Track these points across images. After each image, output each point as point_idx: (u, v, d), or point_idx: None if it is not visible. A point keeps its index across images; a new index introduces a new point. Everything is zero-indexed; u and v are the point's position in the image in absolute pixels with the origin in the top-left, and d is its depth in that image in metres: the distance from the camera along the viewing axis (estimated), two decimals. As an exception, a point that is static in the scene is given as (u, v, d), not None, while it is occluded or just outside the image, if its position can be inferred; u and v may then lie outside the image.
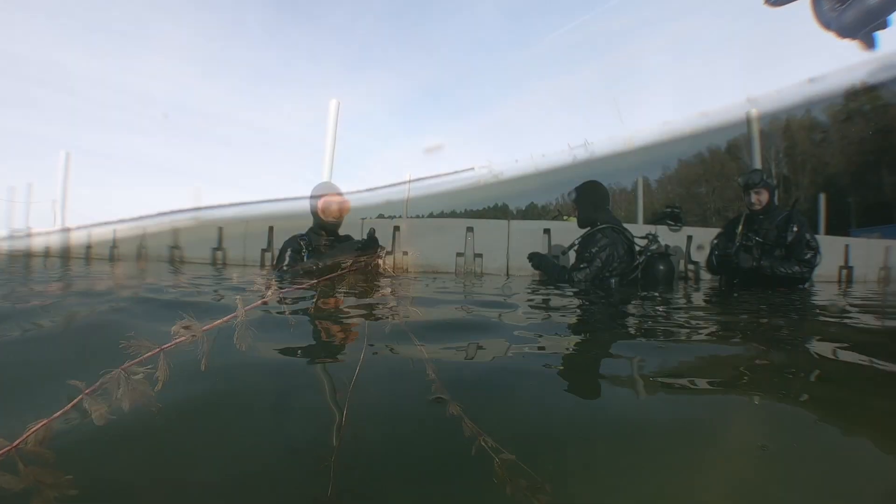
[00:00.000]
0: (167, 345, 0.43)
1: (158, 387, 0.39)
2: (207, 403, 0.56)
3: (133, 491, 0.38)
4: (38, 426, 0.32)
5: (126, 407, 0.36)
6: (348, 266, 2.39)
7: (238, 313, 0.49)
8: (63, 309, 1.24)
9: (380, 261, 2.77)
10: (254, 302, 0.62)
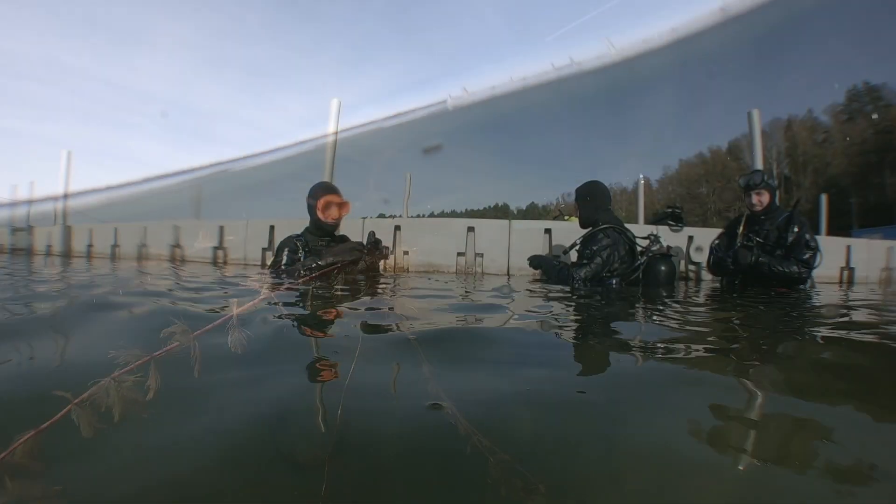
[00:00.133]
0: (158, 352, 0.42)
1: (150, 396, 0.38)
2: (198, 405, 0.55)
3: (124, 498, 0.37)
4: (26, 437, 0.30)
5: (116, 417, 0.35)
6: (347, 265, 2.38)
7: (230, 316, 0.48)
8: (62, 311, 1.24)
9: (381, 261, 2.74)
10: (246, 304, 0.61)
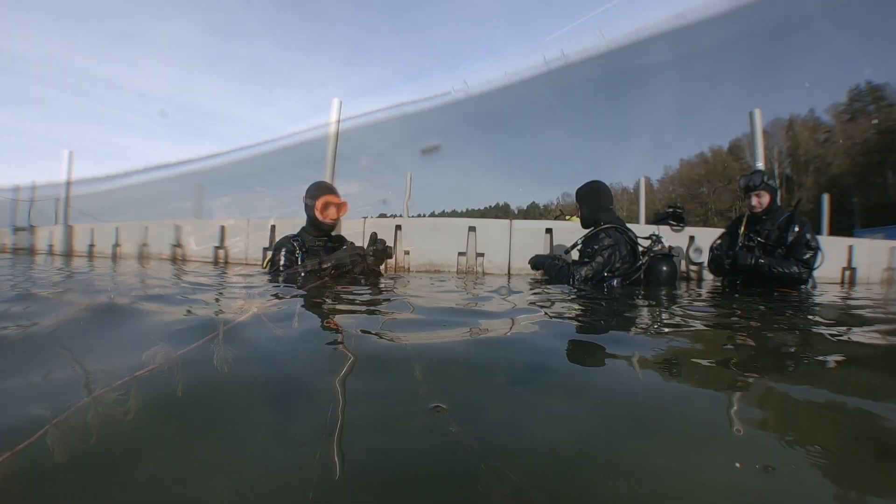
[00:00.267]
0: (140, 371, 0.41)
1: (131, 416, 0.37)
2: (189, 407, 0.55)
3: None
4: (1, 459, 0.29)
5: (94, 439, 0.34)
6: (348, 268, 2.37)
7: (215, 335, 0.48)
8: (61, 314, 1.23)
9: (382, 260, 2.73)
10: (241, 315, 0.60)
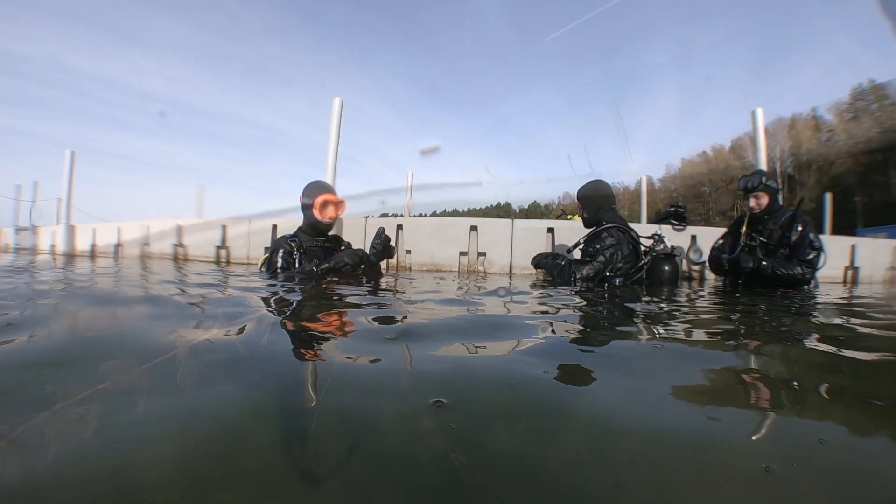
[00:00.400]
0: (103, 385, 0.40)
1: (89, 432, 0.36)
2: (188, 405, 0.55)
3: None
4: None
5: (49, 456, 0.33)
6: (350, 269, 2.37)
7: (178, 352, 0.47)
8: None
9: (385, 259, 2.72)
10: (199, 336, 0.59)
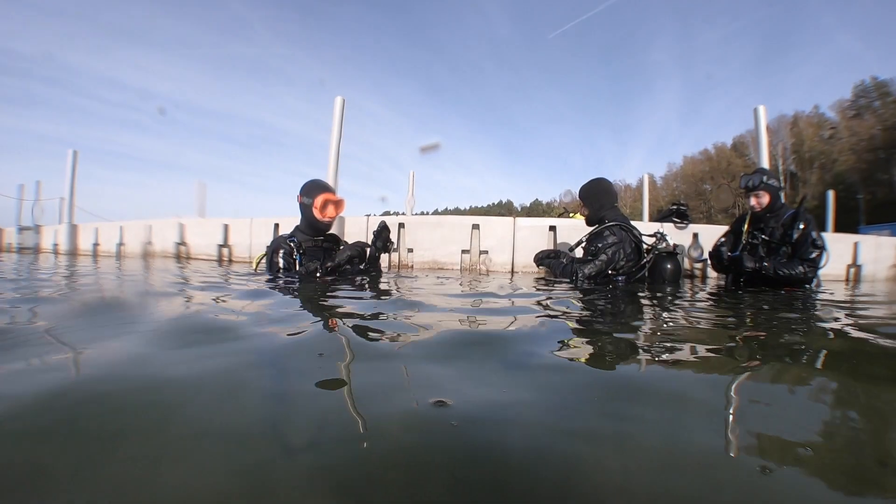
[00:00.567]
0: None
1: None
2: (188, 404, 0.55)
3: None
4: None
5: None
6: (353, 262, 2.38)
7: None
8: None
9: (384, 254, 2.72)
10: None
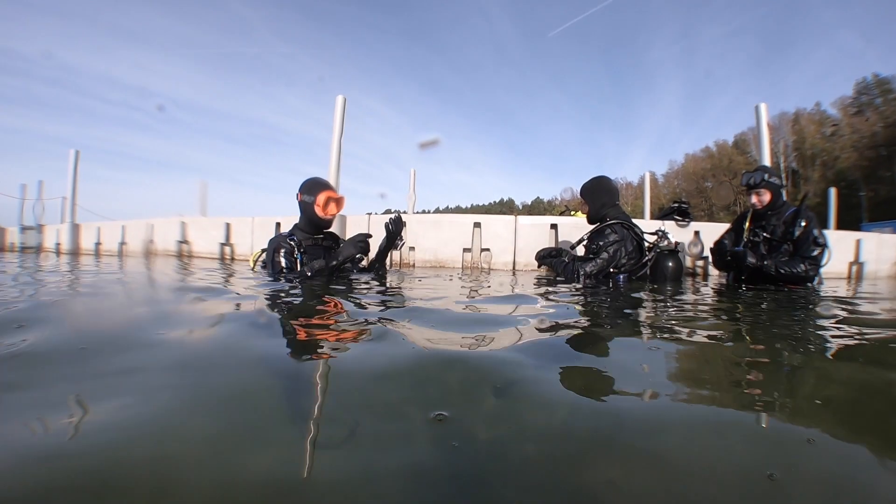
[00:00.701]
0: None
1: None
2: (188, 403, 0.57)
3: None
4: None
5: None
6: (357, 259, 2.38)
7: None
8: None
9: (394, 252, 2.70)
10: None
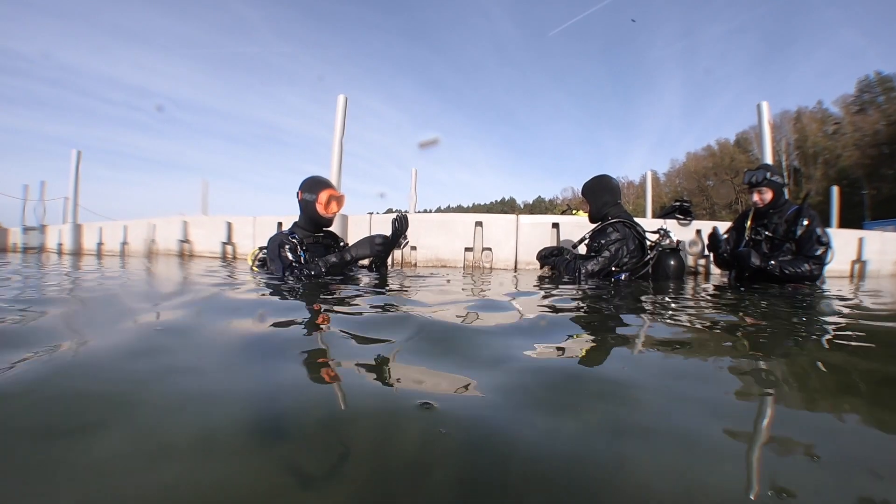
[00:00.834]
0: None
1: None
2: (187, 402, 0.57)
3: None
4: None
5: None
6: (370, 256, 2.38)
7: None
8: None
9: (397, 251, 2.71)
10: None
